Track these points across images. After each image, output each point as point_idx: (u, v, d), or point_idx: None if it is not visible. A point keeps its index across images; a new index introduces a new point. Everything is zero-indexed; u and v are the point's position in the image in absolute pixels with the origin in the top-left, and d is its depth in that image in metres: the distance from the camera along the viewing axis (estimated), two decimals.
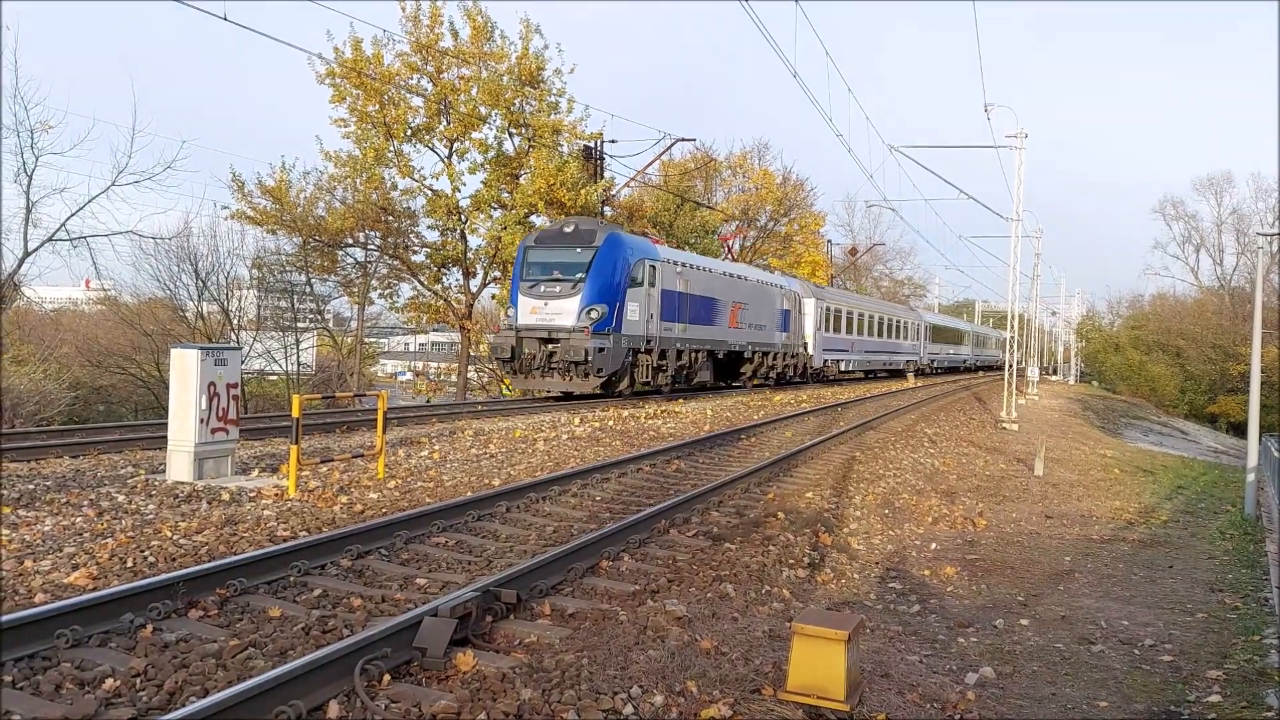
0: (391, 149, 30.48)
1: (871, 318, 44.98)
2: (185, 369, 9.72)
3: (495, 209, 31.83)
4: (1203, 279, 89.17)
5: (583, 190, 31.01)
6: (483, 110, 30.91)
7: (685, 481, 11.46)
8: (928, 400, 31.17)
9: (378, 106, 29.84)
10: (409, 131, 30.77)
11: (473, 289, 33.47)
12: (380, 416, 10.72)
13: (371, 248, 35.04)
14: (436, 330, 49.58)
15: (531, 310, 21.24)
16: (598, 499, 9.97)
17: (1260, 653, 6.78)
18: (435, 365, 60.74)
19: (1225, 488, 19.04)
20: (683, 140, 35.77)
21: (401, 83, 30.13)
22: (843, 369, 40.67)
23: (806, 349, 34.81)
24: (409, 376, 62.04)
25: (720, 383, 29.23)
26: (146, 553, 6.80)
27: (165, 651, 4.91)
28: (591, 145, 32.81)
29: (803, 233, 53.75)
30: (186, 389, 9.68)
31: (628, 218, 37.50)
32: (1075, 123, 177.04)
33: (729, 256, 39.27)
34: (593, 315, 20.64)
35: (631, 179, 35.76)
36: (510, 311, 21.97)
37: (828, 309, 37.42)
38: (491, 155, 31.89)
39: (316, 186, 32.30)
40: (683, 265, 24.87)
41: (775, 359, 31.44)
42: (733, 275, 28.74)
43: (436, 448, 12.92)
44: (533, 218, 30.74)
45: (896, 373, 50.43)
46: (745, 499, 10.65)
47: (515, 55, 30.92)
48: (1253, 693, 5.89)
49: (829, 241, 59.75)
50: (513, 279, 22.48)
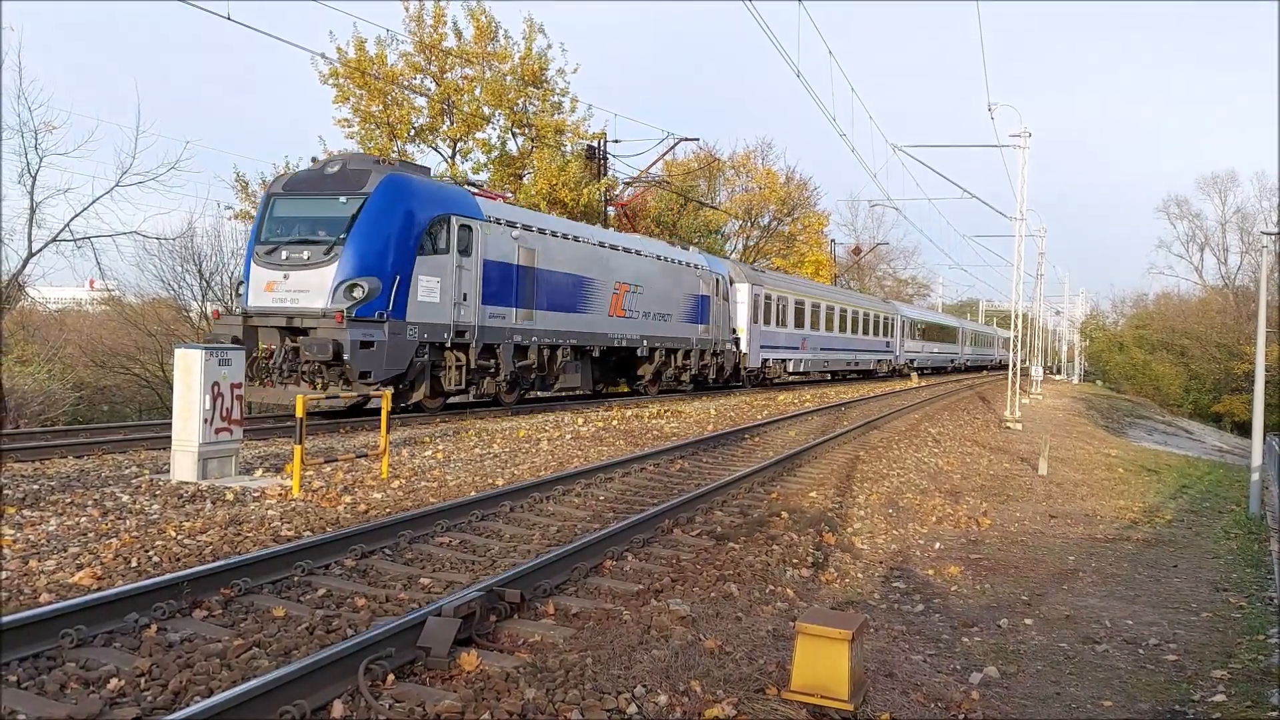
0: (395, 149, 30.51)
1: (831, 310, 39.08)
2: (189, 369, 9.74)
3: None
4: (1207, 278, 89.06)
5: (585, 190, 31.03)
6: (486, 110, 30.95)
7: (689, 481, 11.46)
8: (931, 400, 31.15)
9: (381, 107, 29.87)
10: (412, 132, 30.80)
11: None
12: (384, 416, 10.74)
13: None
14: None
15: (267, 286, 14.92)
16: (601, 498, 9.97)
17: (1265, 652, 6.76)
18: None
19: (1230, 487, 19.00)
20: (686, 140, 35.84)
21: (405, 83, 30.16)
22: (791, 369, 34.95)
23: (738, 345, 29.28)
24: None
25: (603, 387, 23.83)
26: (151, 553, 6.81)
27: (170, 651, 4.92)
28: (595, 145, 32.83)
29: (806, 232, 53.73)
30: (190, 389, 9.70)
31: (631, 217, 37.51)
32: (1079, 122, 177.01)
33: (625, 226, 33.23)
34: (355, 293, 14.52)
35: (635, 179, 35.76)
36: (241, 289, 15.64)
37: (767, 297, 31.75)
38: (495, 155, 31.93)
39: None
40: (525, 229, 17.96)
41: (689, 357, 25.74)
42: (614, 247, 21.83)
43: (440, 447, 12.93)
44: None
45: (868, 374, 46.06)
46: (749, 498, 10.65)
47: (519, 55, 30.97)
48: (1257, 692, 5.88)
49: (833, 241, 59.88)
50: (248, 242, 15.96)
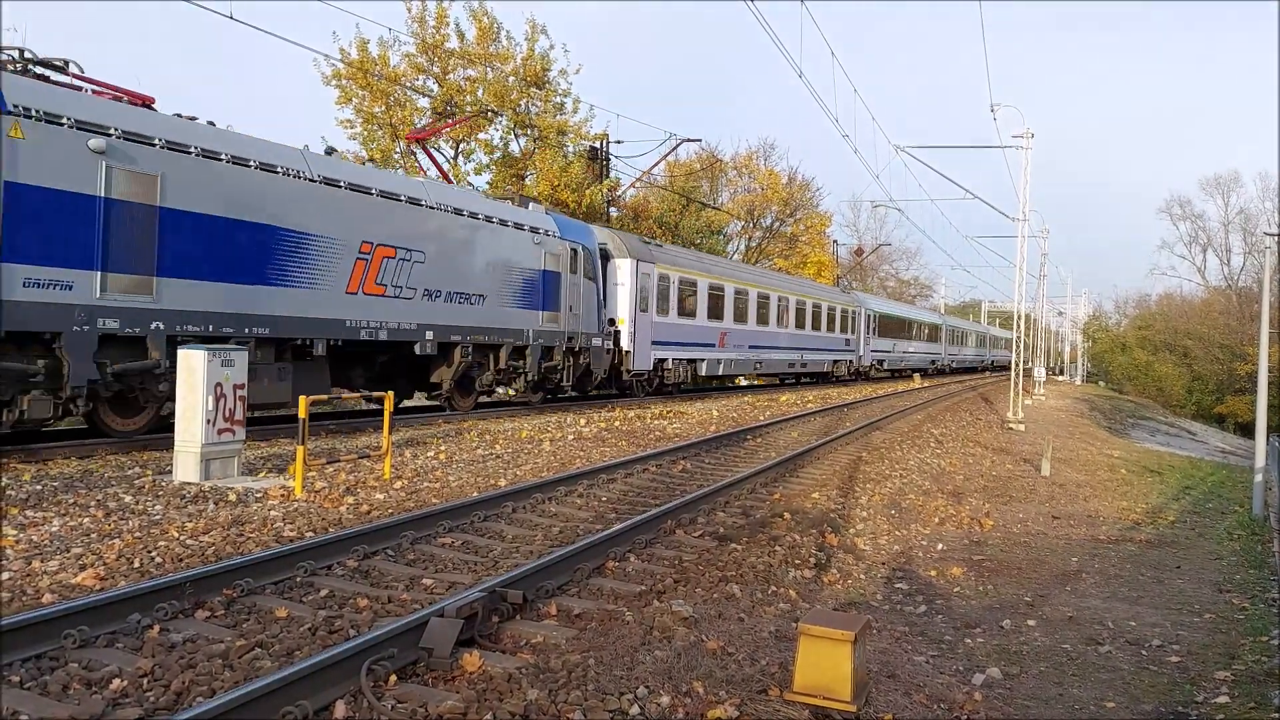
0: (398, 150, 30.55)
1: (765, 298, 31.20)
2: (192, 370, 9.74)
3: None
4: (1210, 279, 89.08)
5: (588, 190, 31.05)
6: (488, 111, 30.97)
7: (691, 482, 11.45)
8: (934, 401, 31.14)
9: (384, 107, 29.92)
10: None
11: None
12: (386, 417, 10.74)
13: None
14: None
15: None
16: (604, 499, 9.97)
17: (1268, 654, 6.75)
18: None
19: (1233, 488, 18.98)
20: (688, 140, 35.96)
21: (407, 83, 30.19)
22: (705, 372, 27.21)
23: (616, 341, 22.24)
24: None
25: (343, 394, 15.54)
26: (153, 553, 6.82)
27: (172, 652, 4.92)
28: (597, 145, 32.86)
29: (808, 233, 53.74)
30: (193, 390, 9.70)
31: (633, 218, 37.52)
32: (1082, 122, 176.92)
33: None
34: None
35: (637, 179, 35.78)
36: None
37: (663, 279, 24.24)
38: (497, 156, 31.96)
39: None
40: (131, 138, 11.08)
41: (523, 356, 18.55)
42: (367, 191, 14.54)
43: (442, 448, 12.93)
44: None
45: (821, 378, 39.96)
46: (751, 499, 10.64)
47: (521, 56, 31.00)
48: (1261, 693, 5.87)
49: (835, 242, 59.73)
50: None
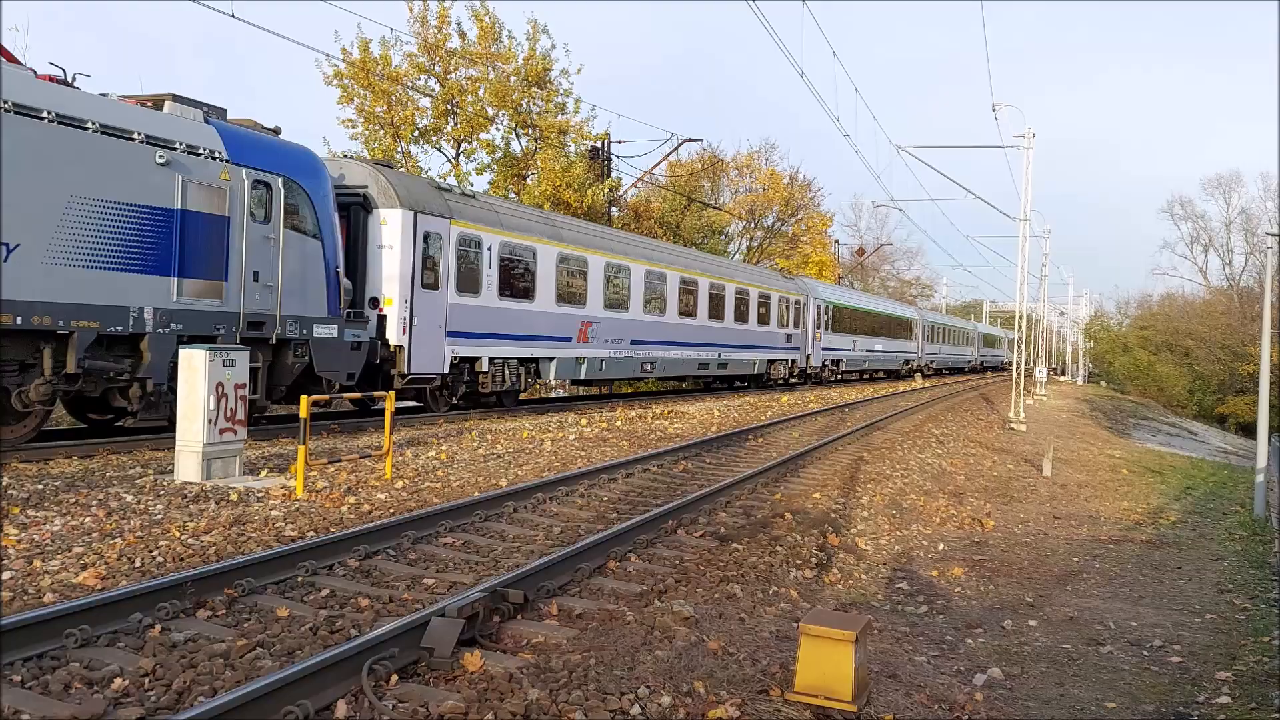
0: (399, 150, 30.56)
1: (662, 279, 24.37)
2: (193, 369, 9.75)
3: None
4: (1211, 279, 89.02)
5: (589, 190, 31.06)
6: (490, 111, 30.99)
7: (692, 482, 11.46)
8: (935, 401, 31.13)
9: (385, 107, 29.93)
10: (416, 132, 30.87)
11: None
12: (388, 417, 10.74)
13: None
14: None
15: None
16: (605, 499, 9.97)
17: (1270, 654, 6.74)
18: None
19: (1234, 488, 18.96)
20: (690, 140, 35.89)
21: (409, 83, 30.21)
22: (557, 376, 20.45)
23: (381, 330, 15.57)
24: None
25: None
26: (155, 553, 6.82)
27: (174, 651, 4.92)
28: (598, 145, 32.87)
29: (810, 233, 53.75)
30: (195, 390, 9.71)
31: (635, 218, 37.54)
32: (1083, 122, 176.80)
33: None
34: None
35: (639, 179, 35.78)
36: None
37: (464, 241, 17.20)
38: (499, 156, 31.98)
39: None
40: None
41: (144, 351, 11.58)
42: None
43: (444, 448, 12.93)
44: None
45: (754, 380, 32.52)
46: (752, 499, 10.64)
47: (523, 56, 31.00)
48: (1262, 694, 5.86)
49: (836, 242, 59.76)
50: None
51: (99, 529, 7.45)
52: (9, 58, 10.75)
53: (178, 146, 11.91)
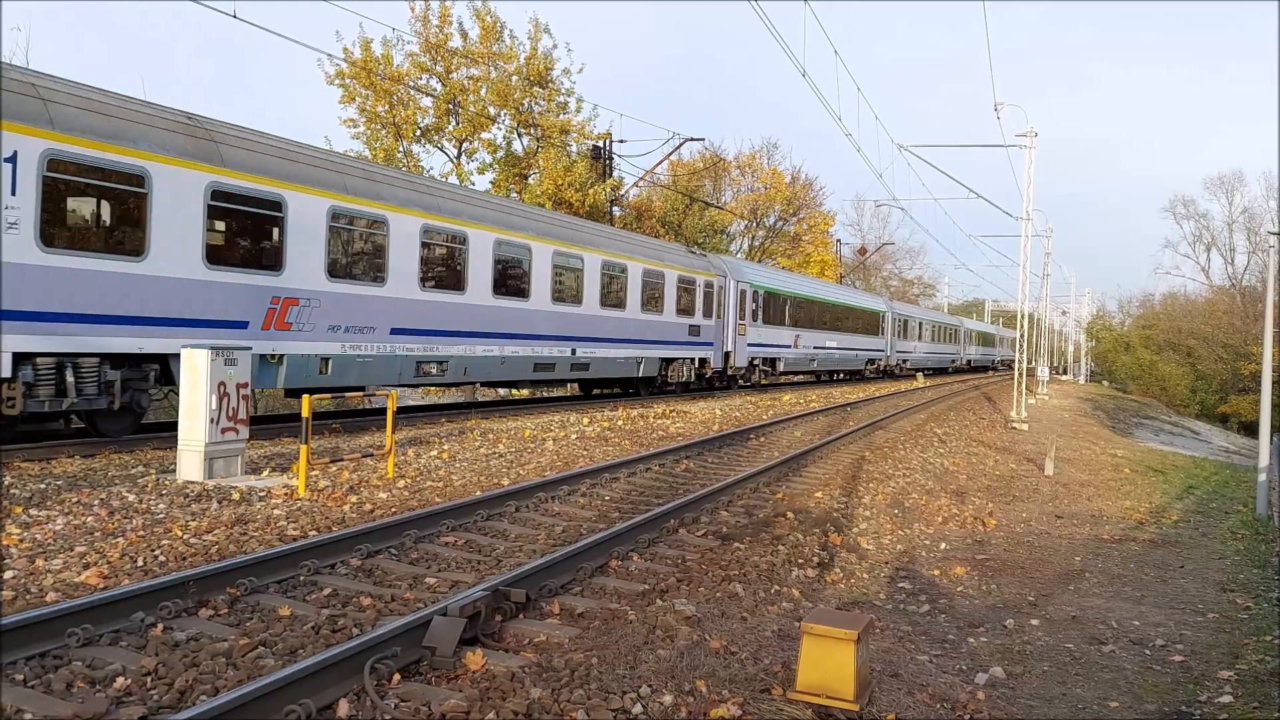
0: (401, 149, 30.59)
1: (462, 239, 16.94)
2: (195, 369, 9.76)
3: None
4: (1214, 278, 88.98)
5: (591, 190, 31.06)
6: (492, 110, 31.01)
7: (694, 481, 11.46)
8: (937, 400, 31.12)
9: (387, 107, 29.96)
10: (418, 132, 30.90)
11: None
12: (389, 416, 10.75)
13: None
14: None
15: None
16: (607, 498, 9.97)
17: (1272, 653, 6.74)
18: None
19: (1236, 488, 18.94)
20: (692, 140, 35.86)
21: (411, 83, 30.22)
22: (335, 378, 14.25)
23: None
24: None
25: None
26: (157, 552, 6.83)
27: (176, 650, 4.93)
28: (600, 145, 32.87)
29: (812, 232, 53.76)
30: (197, 389, 9.72)
31: (636, 217, 37.52)
32: (1085, 121, 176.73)
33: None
34: None
35: (640, 179, 35.78)
36: None
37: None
38: (500, 155, 31.99)
39: None
40: None
41: None
42: None
43: (445, 447, 12.94)
44: None
45: (646, 384, 24.83)
46: (754, 499, 10.64)
47: (524, 55, 31.02)
48: (1265, 693, 5.86)
49: (838, 241, 59.76)
50: None
51: (101, 528, 7.46)
52: None
53: None
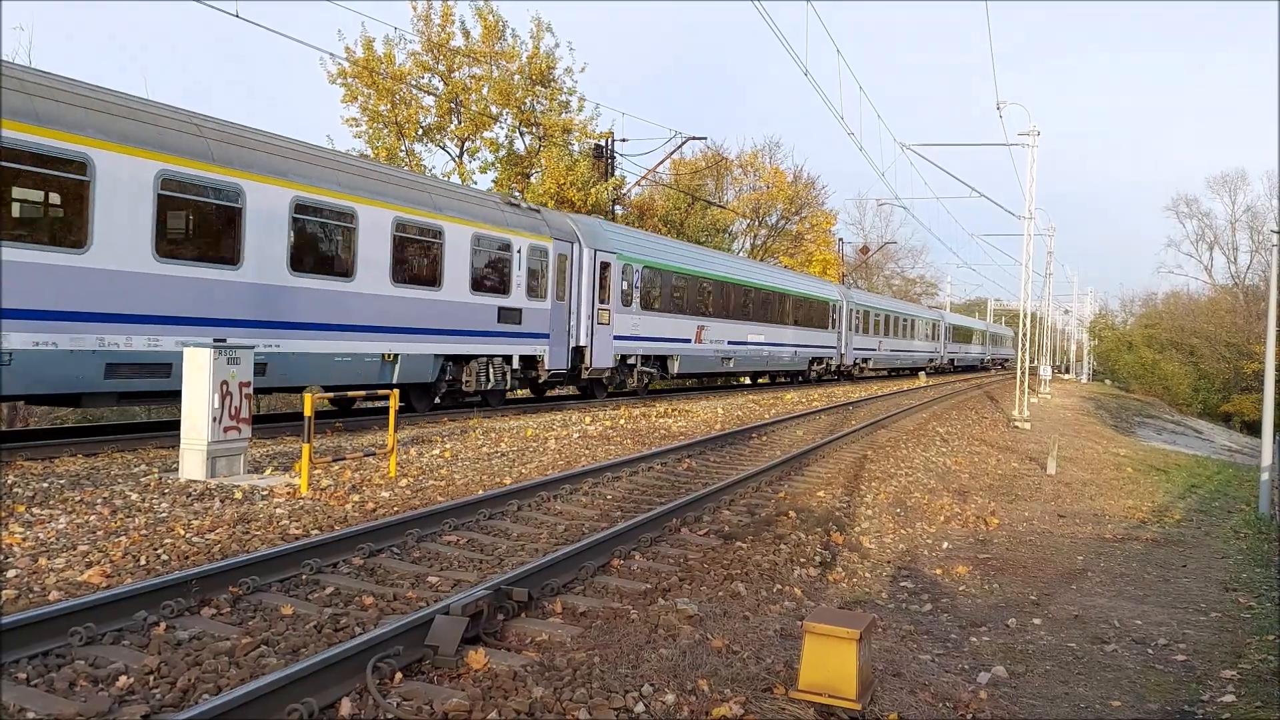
0: (403, 148, 30.59)
1: (228, 192, 11.93)
2: (198, 368, 9.76)
3: None
4: (1216, 277, 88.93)
5: (593, 189, 31.06)
6: (494, 109, 31.00)
7: (696, 480, 11.45)
8: (939, 399, 31.10)
9: (389, 106, 29.95)
10: (420, 131, 30.89)
11: None
12: (392, 415, 10.75)
13: None
14: None
15: None
16: (609, 497, 9.97)
17: (1274, 652, 6.73)
18: None
19: (1239, 487, 18.93)
20: (694, 139, 35.83)
21: (413, 82, 30.22)
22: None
23: None
24: None
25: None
26: (160, 551, 6.83)
27: (178, 649, 4.93)
28: (602, 144, 32.86)
29: (814, 231, 53.70)
30: (199, 388, 9.72)
31: (639, 216, 37.52)
32: (1088, 120, 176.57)
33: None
34: None
35: (642, 178, 35.75)
36: None
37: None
38: (502, 154, 32.00)
39: None
40: None
41: None
42: None
43: (448, 446, 12.94)
44: None
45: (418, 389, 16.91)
46: (756, 498, 10.64)
47: (526, 54, 31.01)
48: (1267, 692, 5.85)
49: (840, 240, 59.67)
50: None
51: (104, 527, 7.46)
52: None
53: None
